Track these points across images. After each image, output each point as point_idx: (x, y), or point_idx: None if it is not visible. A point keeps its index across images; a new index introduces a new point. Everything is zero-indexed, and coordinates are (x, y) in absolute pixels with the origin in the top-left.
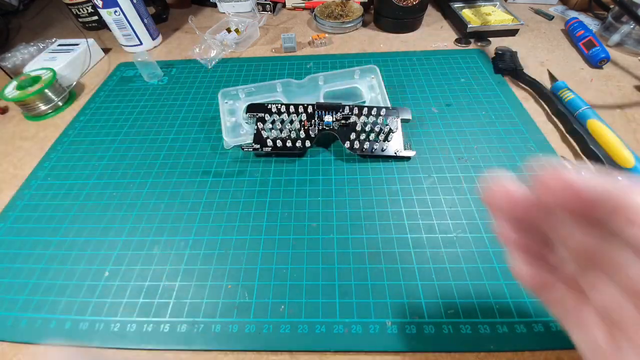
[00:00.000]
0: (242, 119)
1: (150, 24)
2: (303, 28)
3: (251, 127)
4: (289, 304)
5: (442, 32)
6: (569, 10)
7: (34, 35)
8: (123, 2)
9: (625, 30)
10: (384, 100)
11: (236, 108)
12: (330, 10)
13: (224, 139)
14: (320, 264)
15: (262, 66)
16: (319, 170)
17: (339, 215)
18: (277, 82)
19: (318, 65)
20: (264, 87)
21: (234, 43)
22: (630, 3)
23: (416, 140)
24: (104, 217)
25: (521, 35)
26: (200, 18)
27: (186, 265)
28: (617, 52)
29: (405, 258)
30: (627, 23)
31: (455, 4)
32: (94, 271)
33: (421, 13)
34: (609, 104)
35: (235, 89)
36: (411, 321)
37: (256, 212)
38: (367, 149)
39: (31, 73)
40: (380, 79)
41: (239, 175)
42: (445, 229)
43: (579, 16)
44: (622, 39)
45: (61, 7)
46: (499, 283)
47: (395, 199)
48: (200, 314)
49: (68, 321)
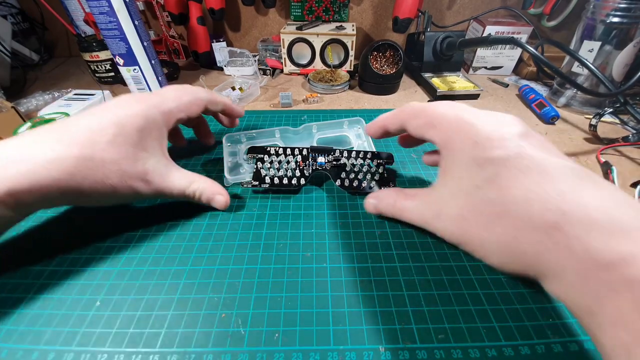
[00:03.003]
0: (243, 159)
1: (163, 81)
2: (298, 89)
3: (250, 166)
4: (283, 332)
5: (417, 95)
6: (521, 79)
7: (50, 85)
8: (143, 62)
9: (569, 94)
10: (369, 146)
11: (237, 150)
12: (321, 76)
13: (225, 176)
14: (314, 292)
15: (262, 117)
16: (313, 206)
17: (331, 245)
18: (276, 129)
19: (312, 118)
20: (263, 133)
21: (237, 98)
22: (570, 73)
23: (400, 181)
24: (100, 248)
25: (482, 99)
26: (208, 78)
27: (180, 294)
28: (565, 112)
29: (395, 286)
30: (570, 88)
31: (426, 74)
32: (85, 300)
33: (398, 80)
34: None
35: (239, 133)
36: (404, 347)
37: (252, 243)
38: (355, 187)
39: (45, 116)
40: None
41: (237, 210)
42: (431, 258)
43: (530, 84)
44: (568, 101)
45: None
46: (484, 308)
47: (383, 231)
48: (192, 344)
49: (52, 352)
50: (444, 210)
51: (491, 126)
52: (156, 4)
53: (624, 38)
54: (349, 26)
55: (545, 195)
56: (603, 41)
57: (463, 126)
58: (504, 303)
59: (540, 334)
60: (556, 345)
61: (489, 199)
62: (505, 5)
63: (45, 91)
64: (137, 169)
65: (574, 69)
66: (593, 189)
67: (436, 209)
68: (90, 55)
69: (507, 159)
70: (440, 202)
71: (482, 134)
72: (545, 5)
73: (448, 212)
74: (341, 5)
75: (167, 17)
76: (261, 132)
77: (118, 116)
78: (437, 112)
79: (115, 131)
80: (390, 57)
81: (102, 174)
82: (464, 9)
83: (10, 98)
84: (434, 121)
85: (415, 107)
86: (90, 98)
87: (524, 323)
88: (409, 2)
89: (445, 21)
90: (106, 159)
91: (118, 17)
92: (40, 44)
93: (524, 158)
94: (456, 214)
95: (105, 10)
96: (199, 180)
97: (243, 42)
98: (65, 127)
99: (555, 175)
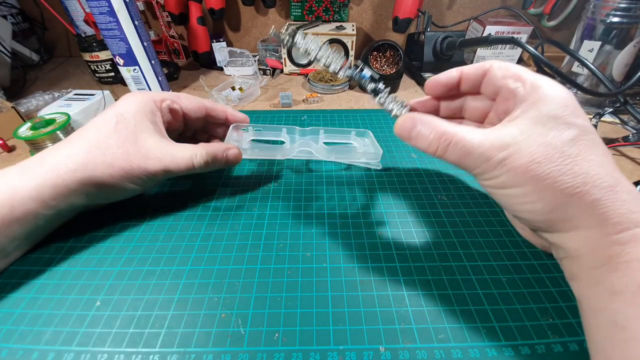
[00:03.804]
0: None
1: (164, 81)
2: (298, 89)
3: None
4: (283, 332)
5: (417, 95)
6: None
7: (50, 85)
8: (143, 62)
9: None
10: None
11: (241, 139)
12: (321, 76)
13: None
14: (314, 292)
15: (262, 117)
16: (313, 206)
17: (331, 245)
18: (283, 127)
19: (312, 118)
20: (270, 128)
21: (237, 99)
22: (570, 73)
23: (399, 181)
24: (101, 248)
25: None
26: (208, 78)
27: (180, 294)
28: None
29: (395, 286)
30: (570, 88)
31: (426, 74)
32: (85, 300)
33: (398, 80)
34: None
35: (247, 125)
36: (404, 347)
37: (252, 243)
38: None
39: (45, 116)
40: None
41: (237, 210)
42: (431, 258)
43: None
44: None
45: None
46: (484, 308)
47: (383, 231)
48: (192, 344)
49: (52, 352)
50: (513, 147)
51: (574, 98)
52: (156, 4)
53: (624, 38)
54: (349, 26)
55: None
56: (603, 41)
57: (556, 89)
58: (504, 303)
59: (540, 334)
60: (556, 345)
61: (570, 153)
62: (505, 5)
63: (45, 91)
64: (140, 149)
65: (574, 69)
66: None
67: (504, 142)
68: (90, 55)
69: (588, 129)
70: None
71: (570, 102)
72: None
73: (520, 150)
74: (341, 5)
75: (167, 17)
76: (268, 126)
77: (118, 108)
78: (526, 70)
79: (116, 120)
80: (391, 57)
81: (110, 158)
82: (464, 9)
83: (10, 98)
84: (524, 75)
85: (501, 62)
86: (90, 98)
87: (524, 323)
88: (409, 2)
89: (445, 21)
90: (111, 144)
91: (118, 17)
92: (40, 44)
93: (596, 135)
94: (529, 154)
95: (105, 10)
96: (203, 146)
97: (243, 42)
98: (77, 132)
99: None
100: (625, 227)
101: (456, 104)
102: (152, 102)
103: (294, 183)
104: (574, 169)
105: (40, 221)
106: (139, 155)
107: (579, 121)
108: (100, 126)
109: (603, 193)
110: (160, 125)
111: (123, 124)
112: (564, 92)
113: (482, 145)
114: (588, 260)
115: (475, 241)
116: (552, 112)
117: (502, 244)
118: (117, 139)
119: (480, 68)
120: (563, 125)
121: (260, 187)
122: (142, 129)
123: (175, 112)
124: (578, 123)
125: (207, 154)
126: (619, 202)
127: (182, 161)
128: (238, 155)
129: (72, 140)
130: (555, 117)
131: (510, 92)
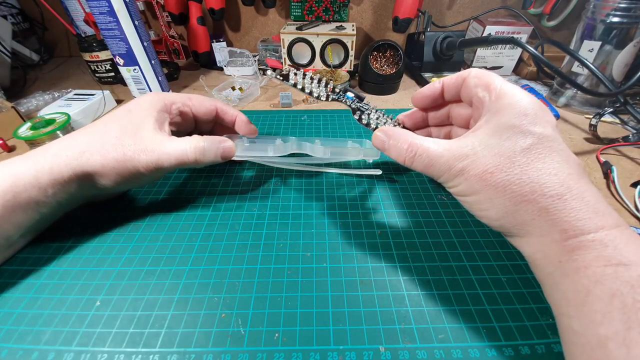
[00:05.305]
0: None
1: (164, 81)
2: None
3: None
4: (283, 332)
5: None
6: (521, 79)
7: (50, 85)
8: (143, 62)
9: (569, 94)
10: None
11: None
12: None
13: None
14: (314, 292)
15: (262, 117)
16: (313, 206)
17: (331, 245)
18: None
19: (312, 118)
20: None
21: (237, 99)
22: (570, 73)
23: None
24: (101, 248)
25: None
26: (208, 78)
27: (180, 294)
28: (565, 112)
29: (395, 286)
30: (570, 88)
31: (426, 74)
32: (85, 300)
33: (398, 80)
34: None
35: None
36: (404, 347)
37: (252, 243)
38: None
39: (45, 116)
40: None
41: (237, 210)
42: (431, 258)
43: (530, 84)
44: (568, 101)
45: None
46: (484, 308)
47: (383, 231)
48: (192, 344)
49: (52, 352)
50: (471, 158)
51: (537, 105)
52: (156, 4)
53: (624, 38)
54: (349, 26)
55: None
56: (603, 41)
57: (517, 97)
58: (504, 303)
59: (540, 334)
60: (556, 345)
61: (520, 163)
62: (505, 5)
63: (45, 91)
64: (136, 141)
65: (574, 68)
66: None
67: (463, 153)
68: (90, 55)
69: (546, 137)
70: (469, 149)
71: (531, 110)
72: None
73: (476, 160)
74: (341, 5)
75: (167, 17)
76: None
77: (129, 104)
78: (497, 79)
79: (123, 114)
80: (391, 57)
81: (106, 148)
82: (464, 8)
83: (10, 98)
84: (492, 85)
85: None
86: (90, 98)
87: (524, 323)
88: (409, 2)
89: (445, 21)
90: (111, 135)
91: (118, 17)
92: (40, 44)
93: (556, 141)
94: (484, 165)
95: (105, 10)
96: (197, 138)
97: (243, 42)
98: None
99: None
100: (572, 235)
101: (442, 112)
102: (162, 102)
103: (294, 183)
104: (523, 177)
105: (43, 209)
106: (133, 146)
107: (537, 129)
108: (107, 119)
109: (550, 201)
110: (164, 123)
111: (128, 118)
112: (525, 101)
113: (444, 156)
114: (544, 264)
115: (475, 241)
116: (510, 121)
117: (502, 244)
118: (117, 130)
119: (459, 77)
120: (519, 134)
121: (260, 187)
122: (144, 124)
123: (186, 114)
124: (535, 131)
125: (202, 149)
126: (566, 210)
127: (176, 154)
128: (232, 149)
129: (81, 131)
130: (513, 127)
131: (479, 101)
